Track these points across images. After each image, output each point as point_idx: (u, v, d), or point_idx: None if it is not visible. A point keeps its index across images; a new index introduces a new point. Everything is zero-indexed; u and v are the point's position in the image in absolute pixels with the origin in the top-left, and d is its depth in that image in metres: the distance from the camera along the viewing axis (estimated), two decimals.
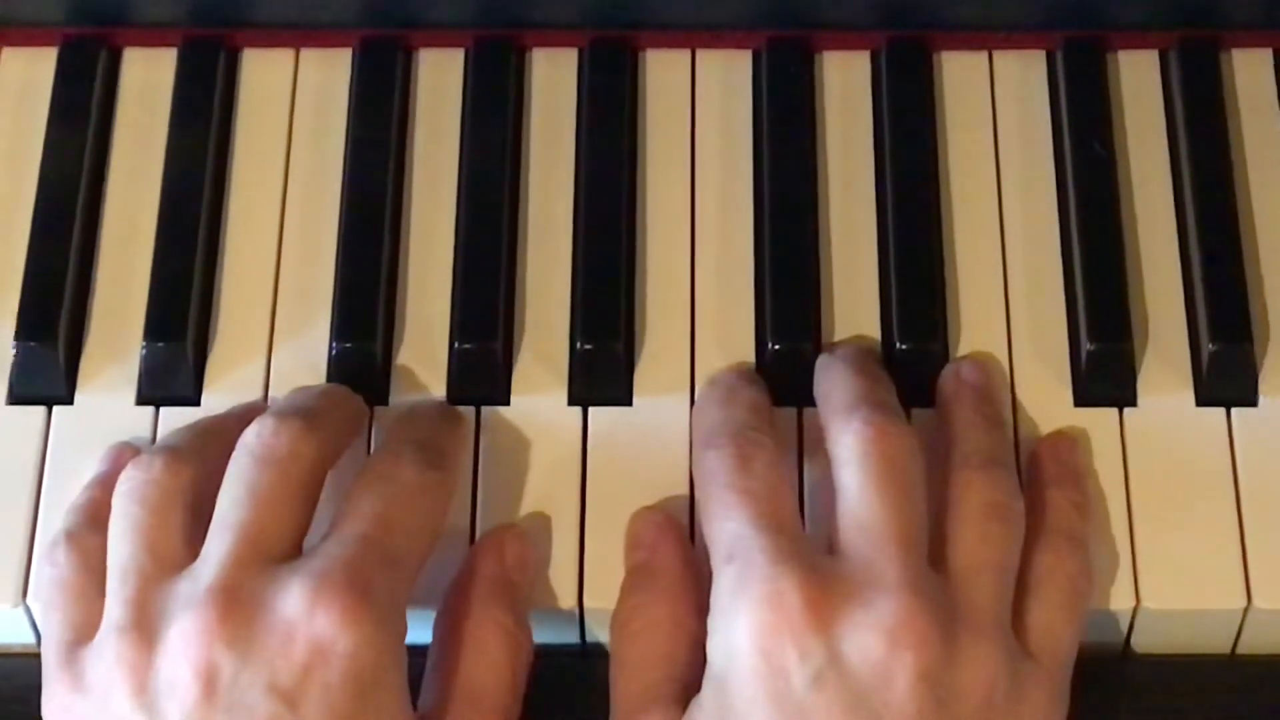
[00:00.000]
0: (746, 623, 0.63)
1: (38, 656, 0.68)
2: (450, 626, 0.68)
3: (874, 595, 0.63)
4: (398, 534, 0.66)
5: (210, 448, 0.69)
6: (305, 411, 0.68)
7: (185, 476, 0.67)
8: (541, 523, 0.71)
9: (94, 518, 0.68)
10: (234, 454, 0.67)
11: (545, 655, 0.70)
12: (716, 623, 0.64)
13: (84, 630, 0.66)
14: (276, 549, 0.65)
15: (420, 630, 0.68)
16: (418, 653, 0.67)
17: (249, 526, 0.65)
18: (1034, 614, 0.67)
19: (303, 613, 0.62)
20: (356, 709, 0.62)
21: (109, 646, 0.64)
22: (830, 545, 0.66)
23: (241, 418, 0.69)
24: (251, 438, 0.67)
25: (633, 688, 0.67)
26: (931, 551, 0.66)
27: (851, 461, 0.66)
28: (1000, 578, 0.66)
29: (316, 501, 0.67)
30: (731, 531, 0.65)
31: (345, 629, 0.62)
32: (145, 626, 0.64)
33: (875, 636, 0.62)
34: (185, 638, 0.62)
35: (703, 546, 0.67)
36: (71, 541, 0.68)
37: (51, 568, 0.68)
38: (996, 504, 0.67)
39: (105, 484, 0.69)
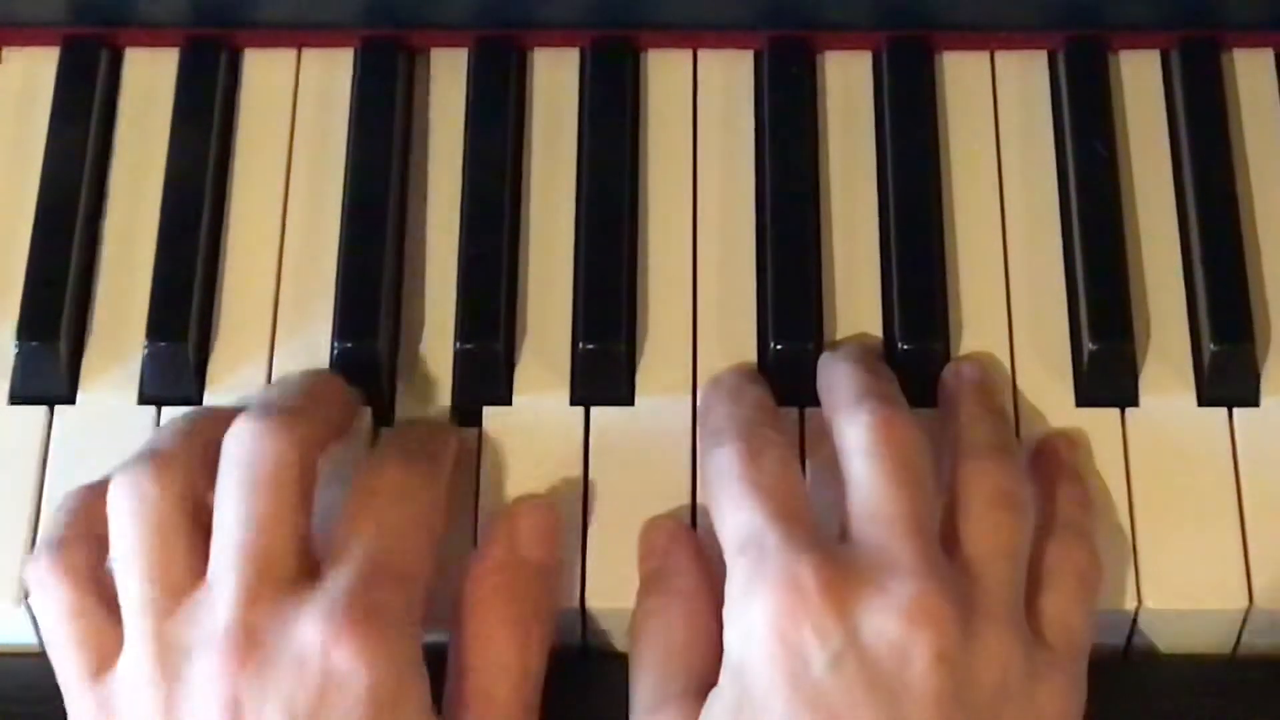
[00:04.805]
0: (763, 607, 0.63)
1: (38, 656, 0.68)
2: (460, 622, 0.67)
3: (890, 579, 0.63)
4: (398, 542, 0.66)
5: (195, 446, 0.68)
6: (285, 408, 0.67)
7: (179, 486, 0.66)
8: None
9: (82, 528, 0.67)
10: (221, 465, 0.66)
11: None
12: (732, 612, 0.64)
13: (104, 658, 0.65)
14: (285, 568, 0.64)
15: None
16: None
17: (253, 550, 0.64)
18: (1046, 603, 0.67)
19: (319, 649, 0.62)
20: None
21: (135, 677, 0.64)
22: (841, 537, 0.66)
23: (225, 416, 0.68)
24: (234, 447, 0.66)
25: (650, 684, 0.67)
26: (942, 541, 0.66)
27: (860, 451, 0.66)
28: (1012, 564, 0.66)
29: (314, 491, 0.66)
30: (745, 523, 0.65)
31: (362, 661, 0.62)
32: (167, 661, 0.64)
33: (893, 618, 0.62)
34: (208, 677, 0.63)
35: (712, 548, 0.67)
36: (64, 563, 0.66)
37: (50, 596, 0.66)
38: (1005, 491, 0.67)
39: (96, 490, 0.68)
